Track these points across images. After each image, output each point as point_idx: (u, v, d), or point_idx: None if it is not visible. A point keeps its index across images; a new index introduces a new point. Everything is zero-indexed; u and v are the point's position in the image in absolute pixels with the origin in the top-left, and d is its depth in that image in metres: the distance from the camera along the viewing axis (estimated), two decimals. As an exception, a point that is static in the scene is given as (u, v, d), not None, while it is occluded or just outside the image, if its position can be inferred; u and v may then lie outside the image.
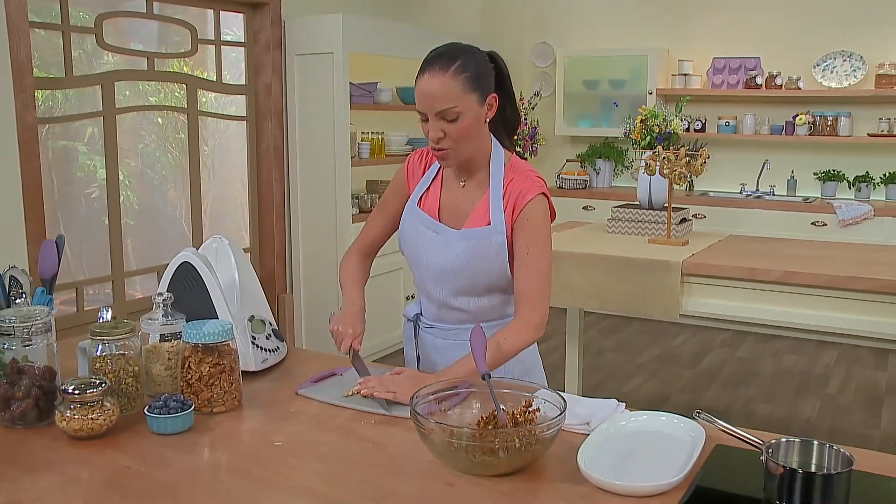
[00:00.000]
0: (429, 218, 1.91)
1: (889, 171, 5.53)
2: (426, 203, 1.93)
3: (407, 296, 5.21)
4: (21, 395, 1.59)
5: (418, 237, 1.92)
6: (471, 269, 1.84)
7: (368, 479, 1.40)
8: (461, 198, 1.90)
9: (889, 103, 5.47)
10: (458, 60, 1.72)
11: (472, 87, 1.73)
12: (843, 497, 1.29)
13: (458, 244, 1.84)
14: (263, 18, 4.66)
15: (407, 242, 1.95)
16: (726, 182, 6.02)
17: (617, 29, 6.30)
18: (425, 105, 1.74)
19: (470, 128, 1.76)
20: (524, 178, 1.83)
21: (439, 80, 1.71)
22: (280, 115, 4.81)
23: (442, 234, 1.88)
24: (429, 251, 1.89)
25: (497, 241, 1.82)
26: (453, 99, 1.71)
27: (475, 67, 1.74)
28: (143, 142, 4.44)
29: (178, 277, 1.93)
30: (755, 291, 3.16)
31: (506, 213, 1.82)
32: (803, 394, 4.50)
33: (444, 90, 1.71)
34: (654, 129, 3.80)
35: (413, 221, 1.93)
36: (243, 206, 5.00)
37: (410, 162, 2.01)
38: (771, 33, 5.78)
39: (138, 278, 4.43)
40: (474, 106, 1.75)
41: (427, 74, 1.73)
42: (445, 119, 1.73)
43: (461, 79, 1.71)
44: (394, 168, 5.48)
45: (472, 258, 1.83)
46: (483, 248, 1.82)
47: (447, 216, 1.90)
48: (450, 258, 1.85)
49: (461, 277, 1.85)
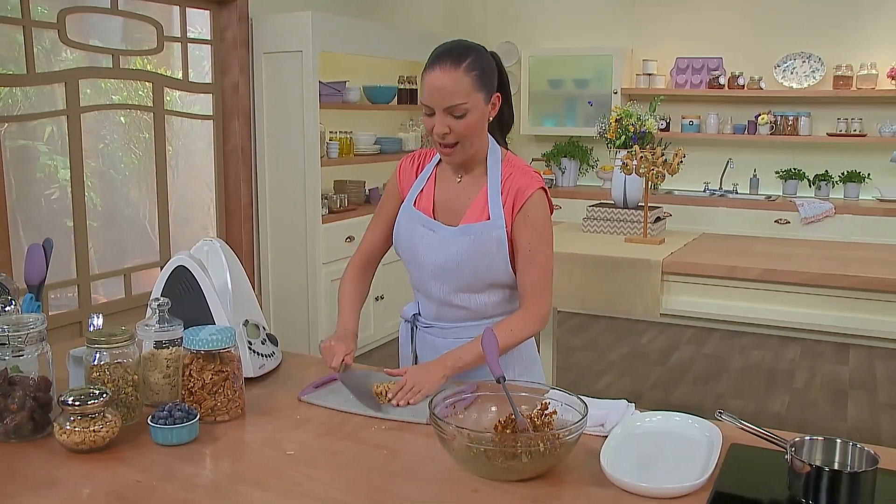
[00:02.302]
0: (424, 216, 1.89)
1: (847, 169, 5.67)
2: (420, 202, 1.92)
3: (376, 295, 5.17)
4: (15, 407, 1.51)
5: (415, 236, 1.90)
6: (471, 265, 1.83)
7: (391, 488, 1.36)
8: (456, 194, 1.88)
9: (846, 104, 5.60)
10: (470, 57, 1.71)
11: (481, 86, 1.73)
12: (868, 495, 1.29)
13: (458, 240, 1.83)
14: (230, 15, 4.56)
15: (403, 242, 1.93)
16: (690, 181, 6.10)
17: (581, 28, 6.33)
18: (434, 100, 1.72)
19: (475, 125, 1.76)
20: (522, 174, 1.83)
21: (451, 76, 1.69)
22: (247, 114, 4.72)
23: (439, 232, 1.86)
24: (427, 249, 1.87)
25: (497, 235, 1.81)
26: (463, 95, 1.70)
27: (484, 66, 1.74)
28: (103, 141, 4.30)
29: (172, 281, 1.86)
30: (734, 289, 3.19)
31: (505, 208, 1.81)
32: (771, 389, 4.58)
33: (456, 86, 1.70)
34: (630, 129, 3.83)
35: (409, 222, 1.91)
36: (208, 207, 4.89)
37: (402, 167, 1.99)
38: (733, 34, 5.87)
39: (101, 282, 4.30)
40: (481, 104, 1.75)
41: (438, 69, 1.70)
42: (453, 115, 1.72)
43: (472, 76, 1.71)
44: (363, 168, 5.46)
45: (473, 253, 1.82)
46: (483, 242, 1.81)
47: (442, 214, 1.89)
48: (450, 254, 1.83)
49: (462, 274, 1.84)
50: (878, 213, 5.21)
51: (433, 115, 1.74)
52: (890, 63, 5.41)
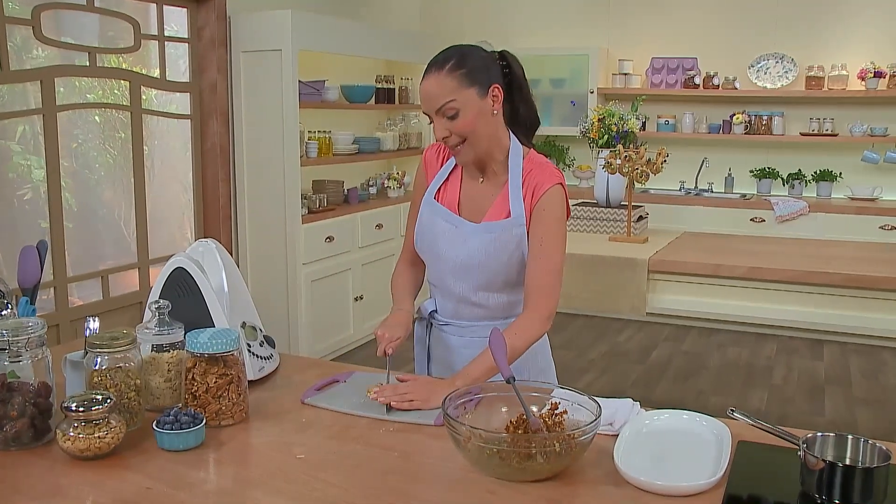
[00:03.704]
0: (447, 211, 1.89)
1: (819, 168, 5.76)
2: (445, 197, 1.92)
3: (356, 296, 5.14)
4: (15, 414, 1.47)
5: (437, 231, 1.89)
6: (492, 263, 1.82)
7: (409, 491, 1.35)
8: (480, 192, 1.88)
9: (819, 104, 5.69)
10: (453, 60, 1.74)
11: (470, 82, 1.73)
12: (882, 490, 1.31)
13: (479, 237, 1.83)
14: (208, 14, 4.50)
15: (425, 236, 1.92)
16: (666, 179, 6.14)
17: (557, 28, 6.36)
18: (426, 105, 1.77)
19: (474, 121, 1.76)
20: (542, 169, 1.84)
21: (435, 80, 1.74)
22: (226, 113, 4.66)
23: (461, 228, 1.86)
24: (448, 245, 1.87)
25: (517, 233, 1.81)
26: (448, 94, 1.72)
27: (470, 63, 1.75)
28: (76, 141, 4.22)
29: (170, 284, 1.83)
30: (720, 287, 3.23)
31: (525, 201, 1.81)
32: (750, 385, 4.64)
33: (439, 88, 1.73)
34: (612, 128, 3.85)
35: (431, 215, 1.91)
36: (184, 207, 4.82)
37: (427, 156, 2.00)
38: (707, 34, 5.93)
39: (76, 285, 4.22)
40: (474, 100, 1.74)
41: (426, 78, 1.76)
42: (446, 116, 1.75)
43: (455, 75, 1.73)
44: (342, 168, 5.42)
45: (493, 251, 1.82)
46: (504, 240, 1.81)
47: (466, 210, 1.89)
48: (471, 252, 1.83)
49: (483, 272, 1.84)
50: (850, 212, 5.31)
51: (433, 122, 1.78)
52: (860, 64, 5.51)
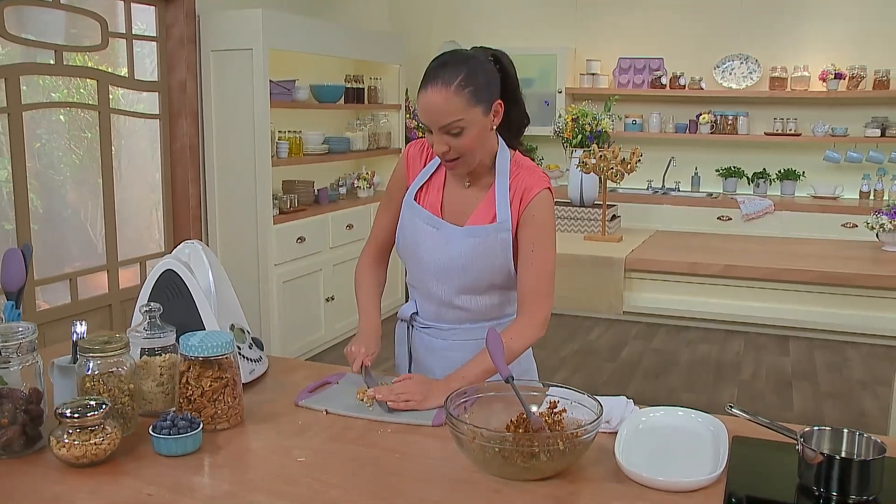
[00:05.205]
0: (428, 213, 1.86)
1: (784, 167, 5.87)
2: (427, 198, 1.88)
3: (327, 296, 5.10)
4: (6, 421, 1.44)
5: (417, 233, 1.86)
6: (475, 267, 1.81)
7: (414, 492, 1.34)
8: (465, 194, 1.86)
9: (782, 104, 5.81)
10: (462, 74, 1.65)
11: (477, 100, 1.67)
12: (878, 482, 1.34)
13: (463, 241, 1.81)
14: (177, 12, 4.43)
15: (406, 239, 1.89)
16: (633, 179, 6.17)
17: (525, 28, 6.39)
18: (429, 120, 1.68)
19: (475, 139, 1.71)
20: (529, 173, 1.81)
21: (442, 96, 1.64)
22: (195, 113, 4.59)
23: (443, 231, 1.83)
24: (429, 248, 1.85)
25: (502, 238, 1.79)
26: (455, 113, 1.65)
27: (479, 79, 1.68)
28: (40, 141, 4.12)
29: (159, 286, 1.80)
30: (696, 285, 3.27)
31: (512, 206, 1.79)
32: (720, 381, 4.71)
33: (448, 106, 1.65)
34: (586, 128, 3.88)
35: (412, 217, 1.88)
36: (152, 208, 4.74)
37: (409, 152, 1.94)
38: (674, 35, 6.01)
39: (41, 288, 4.13)
40: (480, 118, 1.69)
41: (430, 88, 1.66)
42: (450, 133, 1.68)
43: (465, 94, 1.65)
44: (312, 168, 5.39)
45: (478, 255, 1.80)
46: (488, 245, 1.79)
47: (449, 213, 1.86)
48: (454, 255, 1.81)
49: (466, 275, 1.82)
50: (814, 210, 5.42)
51: (432, 132, 1.71)
52: (821, 66, 5.63)
